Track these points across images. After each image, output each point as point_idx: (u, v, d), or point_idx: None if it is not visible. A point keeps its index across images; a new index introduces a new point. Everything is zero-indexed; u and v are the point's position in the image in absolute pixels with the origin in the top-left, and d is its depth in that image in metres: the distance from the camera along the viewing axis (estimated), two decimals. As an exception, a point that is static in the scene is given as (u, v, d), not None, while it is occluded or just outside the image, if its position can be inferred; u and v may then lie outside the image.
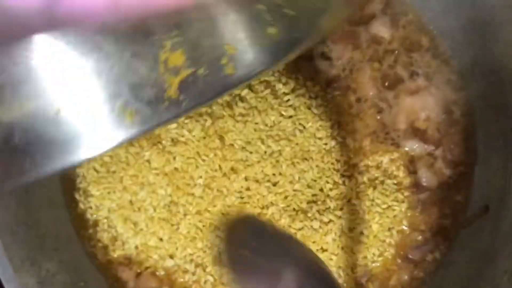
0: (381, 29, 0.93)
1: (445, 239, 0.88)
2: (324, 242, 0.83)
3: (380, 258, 0.87)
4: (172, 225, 0.84)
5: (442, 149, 0.90)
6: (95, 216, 0.88)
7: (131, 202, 0.86)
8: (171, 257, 0.86)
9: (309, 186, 0.84)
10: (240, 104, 0.85)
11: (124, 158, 0.86)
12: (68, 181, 0.90)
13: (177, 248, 0.85)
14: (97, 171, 0.88)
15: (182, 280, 0.86)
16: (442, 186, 0.89)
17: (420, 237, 0.88)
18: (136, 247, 0.87)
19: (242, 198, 0.83)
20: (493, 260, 0.79)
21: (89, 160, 0.49)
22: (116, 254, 0.88)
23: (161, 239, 0.85)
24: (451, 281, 0.85)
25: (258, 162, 0.83)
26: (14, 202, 0.78)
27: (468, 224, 0.88)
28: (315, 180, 0.85)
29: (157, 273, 0.87)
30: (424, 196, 0.89)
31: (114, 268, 0.89)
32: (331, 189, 0.85)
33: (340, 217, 0.84)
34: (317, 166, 0.85)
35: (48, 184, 0.87)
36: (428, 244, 0.88)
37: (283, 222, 0.83)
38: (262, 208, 0.83)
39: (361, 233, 0.85)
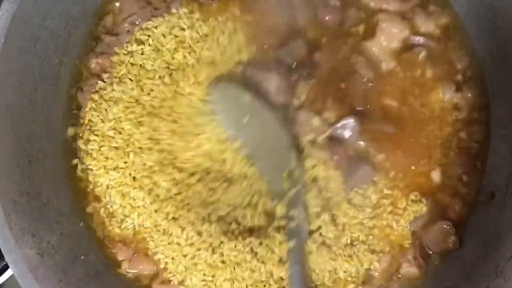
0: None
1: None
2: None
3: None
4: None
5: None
6: (95, 190, 0.89)
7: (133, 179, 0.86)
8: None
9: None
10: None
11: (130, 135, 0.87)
12: (70, 154, 0.90)
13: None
14: (99, 147, 0.88)
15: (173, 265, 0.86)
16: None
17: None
18: (134, 227, 0.87)
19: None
20: (497, 247, 0.79)
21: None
22: (113, 231, 0.88)
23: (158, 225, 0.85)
24: (455, 267, 0.85)
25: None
26: (17, 171, 0.77)
27: (475, 210, 0.87)
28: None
29: (151, 255, 0.87)
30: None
31: (112, 245, 0.88)
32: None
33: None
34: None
35: (52, 155, 0.86)
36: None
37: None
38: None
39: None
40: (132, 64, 0.90)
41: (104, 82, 0.90)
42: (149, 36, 0.90)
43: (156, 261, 0.87)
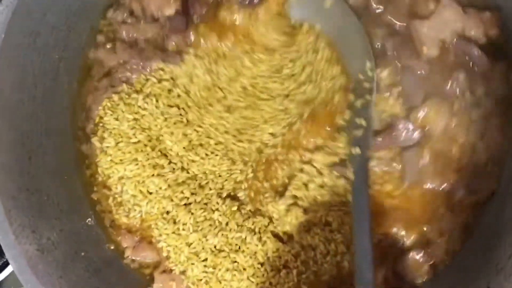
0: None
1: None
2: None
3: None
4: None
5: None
6: (106, 181, 0.90)
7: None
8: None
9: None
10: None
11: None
12: (72, 149, 0.91)
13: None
14: (116, 143, 0.89)
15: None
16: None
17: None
18: (141, 216, 0.88)
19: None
20: (498, 245, 0.78)
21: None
22: (120, 220, 0.89)
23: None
24: (456, 265, 0.85)
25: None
26: (17, 167, 0.77)
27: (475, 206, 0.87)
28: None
29: (154, 243, 0.88)
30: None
31: (117, 233, 0.90)
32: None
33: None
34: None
35: (52, 151, 0.86)
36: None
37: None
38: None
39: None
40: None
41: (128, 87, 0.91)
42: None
43: (159, 250, 0.88)
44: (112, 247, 0.90)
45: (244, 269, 0.85)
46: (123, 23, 0.93)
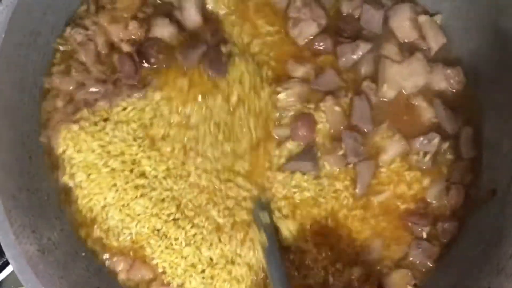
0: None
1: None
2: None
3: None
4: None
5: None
6: (89, 214, 0.86)
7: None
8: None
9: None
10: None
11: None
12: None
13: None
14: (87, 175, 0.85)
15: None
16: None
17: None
18: (131, 238, 0.86)
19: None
20: (499, 244, 0.78)
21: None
22: (110, 244, 0.86)
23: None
24: (456, 262, 0.85)
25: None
26: (17, 167, 0.77)
27: (475, 206, 0.87)
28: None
29: (148, 261, 0.86)
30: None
31: (111, 256, 0.87)
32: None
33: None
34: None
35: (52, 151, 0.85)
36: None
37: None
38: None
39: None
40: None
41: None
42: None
43: (154, 267, 0.86)
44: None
45: (242, 279, 0.84)
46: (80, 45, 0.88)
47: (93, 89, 0.86)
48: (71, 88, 0.86)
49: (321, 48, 0.93)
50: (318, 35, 0.93)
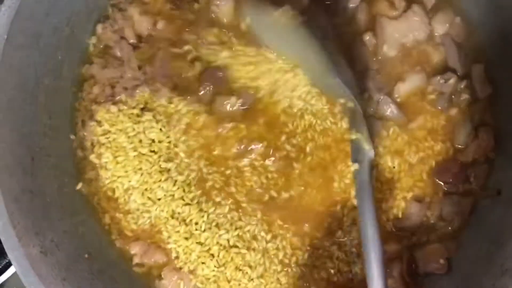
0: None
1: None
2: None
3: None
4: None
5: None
6: (111, 195, 0.89)
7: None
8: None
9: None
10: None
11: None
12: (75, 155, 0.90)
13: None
14: (114, 157, 0.87)
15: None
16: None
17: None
18: (150, 221, 0.87)
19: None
20: (503, 245, 0.78)
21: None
22: (128, 227, 0.89)
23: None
24: (460, 263, 0.85)
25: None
26: (19, 169, 0.77)
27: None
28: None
29: (163, 246, 0.88)
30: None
31: (125, 241, 0.89)
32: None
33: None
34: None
35: (55, 153, 0.85)
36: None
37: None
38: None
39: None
40: None
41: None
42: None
43: (168, 251, 0.87)
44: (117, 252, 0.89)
45: (255, 267, 0.85)
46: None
47: (131, 76, 0.90)
48: (109, 77, 0.91)
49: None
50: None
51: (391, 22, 0.89)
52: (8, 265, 0.97)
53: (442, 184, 0.88)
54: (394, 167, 0.87)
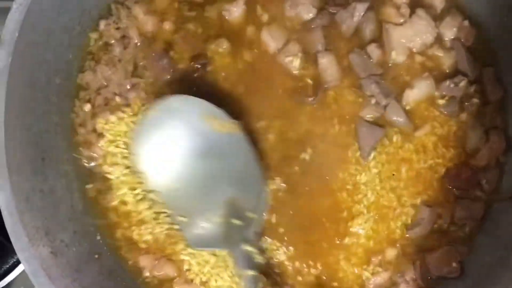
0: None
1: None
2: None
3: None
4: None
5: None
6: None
7: None
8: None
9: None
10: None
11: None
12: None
13: None
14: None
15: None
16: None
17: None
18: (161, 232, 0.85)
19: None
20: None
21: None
22: (142, 237, 0.86)
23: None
24: (472, 268, 0.84)
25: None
26: (30, 168, 0.76)
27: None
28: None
29: (175, 258, 0.85)
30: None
31: (134, 253, 0.86)
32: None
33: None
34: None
35: (66, 152, 0.85)
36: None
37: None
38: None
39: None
40: None
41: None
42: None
43: (179, 263, 0.85)
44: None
45: None
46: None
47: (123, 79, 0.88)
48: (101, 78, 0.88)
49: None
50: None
51: (397, 28, 0.89)
52: (16, 264, 0.96)
53: (454, 189, 0.87)
54: (393, 175, 0.86)
